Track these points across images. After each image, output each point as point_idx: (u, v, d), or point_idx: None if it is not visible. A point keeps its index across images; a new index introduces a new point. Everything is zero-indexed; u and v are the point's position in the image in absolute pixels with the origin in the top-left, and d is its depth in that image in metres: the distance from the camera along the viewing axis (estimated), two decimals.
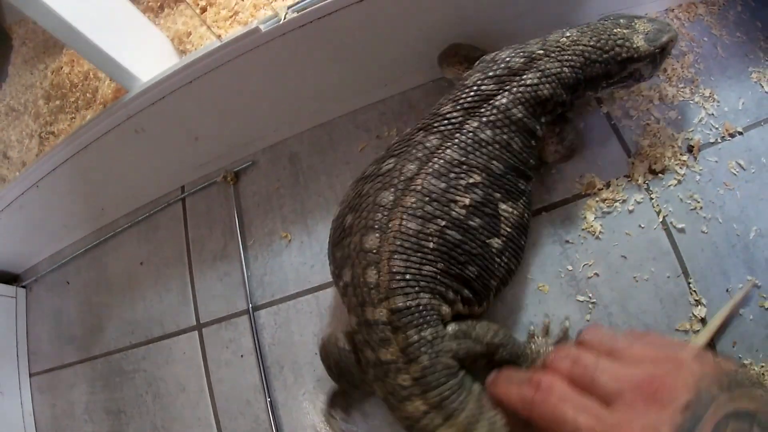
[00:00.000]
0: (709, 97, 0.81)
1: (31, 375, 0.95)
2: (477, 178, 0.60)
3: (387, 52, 0.73)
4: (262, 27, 0.64)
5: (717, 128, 0.78)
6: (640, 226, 0.71)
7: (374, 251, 0.57)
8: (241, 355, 0.77)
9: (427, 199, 0.59)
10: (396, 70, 0.76)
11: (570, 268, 0.69)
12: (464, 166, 0.60)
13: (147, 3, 0.93)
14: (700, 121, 0.78)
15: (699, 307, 0.69)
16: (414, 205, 0.58)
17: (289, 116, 0.79)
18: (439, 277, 0.59)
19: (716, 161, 0.76)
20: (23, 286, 0.98)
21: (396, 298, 0.56)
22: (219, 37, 0.76)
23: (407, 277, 0.57)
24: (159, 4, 0.91)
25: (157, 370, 0.84)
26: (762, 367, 0.69)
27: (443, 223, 0.59)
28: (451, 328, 0.59)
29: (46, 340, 0.96)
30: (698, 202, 0.73)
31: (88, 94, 0.87)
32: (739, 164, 0.77)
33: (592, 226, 0.70)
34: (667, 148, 0.76)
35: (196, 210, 0.85)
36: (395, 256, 0.57)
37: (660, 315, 0.68)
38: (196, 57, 0.67)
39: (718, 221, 0.73)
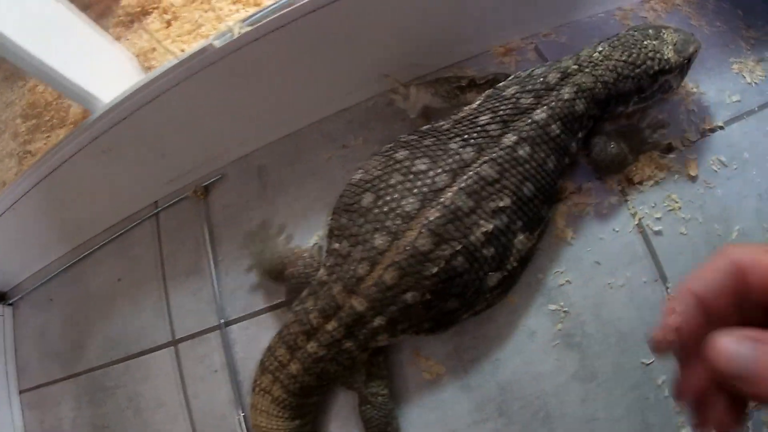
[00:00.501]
0: (689, 91, 0.78)
1: (20, 392, 0.97)
2: (507, 201, 0.58)
3: (348, 60, 0.71)
4: (215, 43, 0.63)
5: (697, 123, 0.75)
6: (614, 229, 0.68)
7: (379, 251, 0.57)
8: (215, 371, 0.77)
9: (451, 217, 0.57)
10: (360, 77, 0.74)
11: (540, 276, 0.67)
12: (497, 185, 0.58)
13: (118, 17, 0.93)
14: (679, 117, 0.76)
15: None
16: (436, 221, 0.56)
17: (255, 128, 0.78)
18: (411, 309, 0.58)
19: (695, 158, 0.73)
20: (10, 304, 0.99)
21: (366, 303, 0.58)
22: (176, 55, 0.76)
23: (388, 294, 0.57)
24: (130, 18, 0.92)
25: (137, 386, 0.84)
26: None
27: (458, 247, 0.57)
28: (364, 367, 0.64)
29: (34, 357, 0.97)
30: (676, 203, 0.70)
31: (61, 113, 0.88)
32: (721, 161, 0.74)
33: (563, 231, 0.68)
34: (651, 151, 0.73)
35: (169, 225, 0.85)
36: (392, 270, 0.57)
37: (636, 322, 0.66)
38: (154, 76, 0.66)
39: (698, 222, 0.71)
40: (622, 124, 0.72)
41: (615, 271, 0.67)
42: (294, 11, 0.62)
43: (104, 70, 0.73)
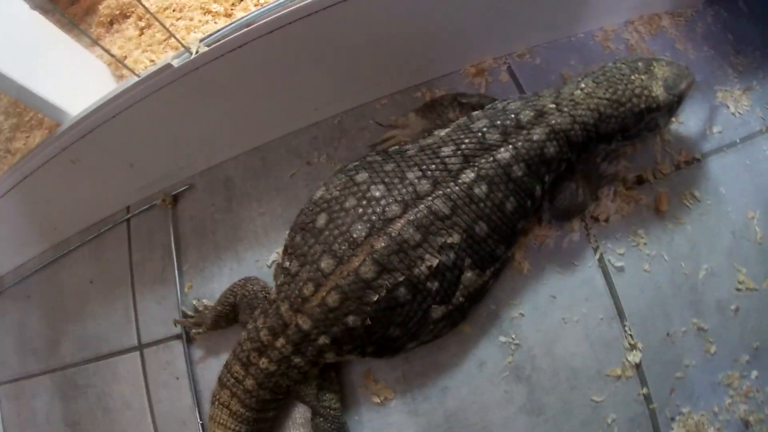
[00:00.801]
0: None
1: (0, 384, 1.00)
2: (456, 238, 0.57)
3: (313, 77, 0.70)
4: (174, 63, 0.63)
5: (672, 155, 0.73)
6: (573, 263, 0.67)
7: (324, 274, 0.57)
8: (177, 378, 0.78)
9: (396, 248, 0.56)
10: (326, 95, 0.73)
11: (493, 307, 0.66)
12: (448, 221, 0.57)
13: (99, 17, 0.93)
14: (653, 147, 0.73)
15: (634, 352, 0.65)
16: (381, 251, 0.56)
17: (223, 140, 0.78)
18: (354, 332, 0.58)
19: (667, 192, 0.71)
20: None
21: (311, 322, 0.58)
22: (145, 66, 0.76)
23: (330, 316, 0.58)
24: (109, 20, 0.92)
25: (105, 387, 0.86)
26: (702, 416, 0.65)
27: (401, 278, 0.56)
28: (316, 381, 0.64)
29: (12, 351, 1.00)
30: (642, 238, 0.68)
31: (39, 114, 0.89)
32: (694, 195, 0.72)
33: (519, 264, 0.66)
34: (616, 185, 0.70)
35: (139, 232, 0.86)
36: (335, 293, 0.57)
37: (589, 359, 0.65)
38: (117, 93, 0.66)
39: (663, 259, 0.69)
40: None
41: (571, 306, 0.66)
42: (252, 31, 0.61)
43: (74, 80, 0.73)
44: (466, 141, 0.59)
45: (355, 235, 0.57)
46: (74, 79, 0.73)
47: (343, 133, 0.75)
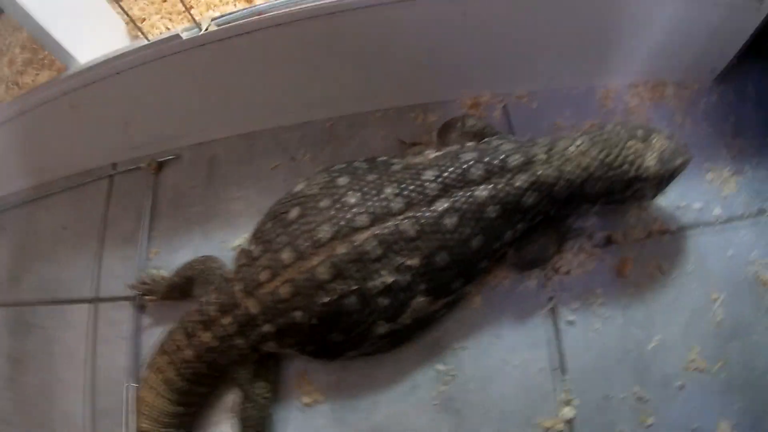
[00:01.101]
0: None
1: None
2: (416, 261, 0.57)
3: (310, 77, 0.72)
4: (183, 34, 0.64)
5: (646, 222, 0.73)
6: (525, 308, 0.67)
7: (282, 265, 0.59)
8: (123, 338, 0.79)
9: (356, 257, 0.57)
10: (321, 96, 0.75)
11: (438, 334, 0.66)
12: (412, 244, 0.57)
13: None
14: (629, 210, 0.73)
15: (568, 407, 0.65)
16: (340, 257, 0.57)
17: (215, 119, 0.79)
18: (298, 327, 0.59)
19: (633, 258, 0.71)
20: None
21: (260, 307, 0.59)
22: (160, 31, 0.78)
23: (279, 306, 0.59)
24: None
25: (54, 331, 0.87)
26: None
27: (353, 287, 0.57)
28: (253, 367, 0.65)
29: None
30: (599, 297, 0.68)
31: (52, 56, 0.91)
32: (660, 267, 0.72)
33: (472, 297, 0.67)
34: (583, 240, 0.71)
35: (120, 190, 0.87)
36: (288, 285, 0.58)
37: (522, 405, 0.65)
38: (125, 51, 0.68)
39: (616, 321, 0.69)
40: None
41: (515, 349, 0.66)
42: (262, 21, 0.63)
43: (90, 30, 0.75)
44: (450, 170, 0.60)
45: (320, 235, 0.58)
46: (90, 29, 0.75)
47: (332, 137, 0.77)
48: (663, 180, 0.62)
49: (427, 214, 0.58)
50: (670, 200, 0.75)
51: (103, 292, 0.84)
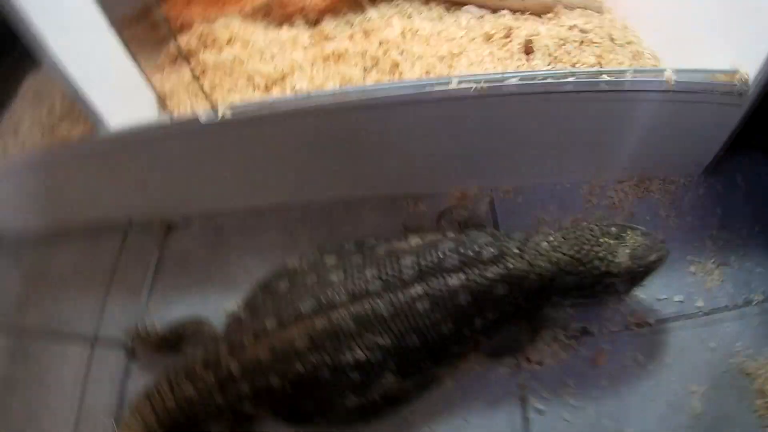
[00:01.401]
0: None
1: None
2: (387, 341, 0.61)
3: (313, 164, 0.79)
4: (201, 117, 0.72)
5: (624, 314, 0.74)
6: (495, 394, 0.69)
7: (265, 331, 0.63)
8: (113, 381, 0.83)
9: (332, 333, 0.61)
10: (321, 181, 0.82)
11: (407, 413, 0.68)
12: (385, 325, 0.61)
13: (169, 51, 1.06)
14: (607, 301, 0.74)
15: None
16: (316, 330, 0.61)
17: (227, 191, 0.88)
18: (273, 390, 0.63)
19: (609, 350, 0.72)
20: None
21: (241, 368, 0.63)
22: (188, 109, 0.87)
23: (258, 369, 0.63)
24: (175, 56, 1.04)
25: (50, 364, 0.91)
26: None
27: (326, 360, 0.61)
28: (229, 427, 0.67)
29: None
30: (571, 388, 0.70)
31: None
32: (637, 359, 0.72)
33: (444, 381, 0.69)
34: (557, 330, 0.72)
35: (132, 244, 0.95)
36: (268, 351, 0.62)
37: None
38: (150, 125, 0.77)
39: (587, 412, 0.69)
40: None
41: None
42: (273, 112, 0.70)
43: (122, 98, 0.84)
44: (428, 258, 0.64)
45: (302, 309, 0.63)
46: (123, 96, 0.84)
47: (330, 218, 0.83)
48: (636, 276, 0.64)
49: (402, 297, 0.62)
50: (650, 292, 0.76)
51: (101, 334, 0.90)
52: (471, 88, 0.67)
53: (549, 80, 0.67)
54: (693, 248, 0.79)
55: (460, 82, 0.67)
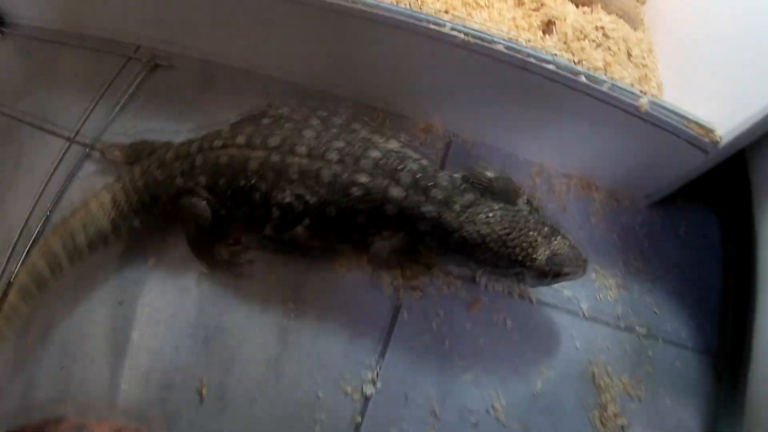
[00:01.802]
0: None
1: None
2: (312, 200, 0.69)
3: (313, 49, 0.84)
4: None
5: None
6: (374, 295, 0.79)
7: (233, 143, 0.74)
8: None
9: (277, 170, 0.70)
10: (319, 68, 0.87)
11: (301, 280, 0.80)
12: (318, 187, 0.69)
13: None
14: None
15: (370, 385, 0.75)
16: (268, 161, 0.70)
17: (226, 41, 0.93)
18: (219, 190, 0.74)
19: (487, 304, 0.79)
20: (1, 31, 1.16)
21: (201, 162, 0.75)
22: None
23: (214, 168, 0.74)
24: None
25: (26, 149, 0.98)
26: None
27: (262, 188, 0.71)
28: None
29: None
30: (439, 317, 0.78)
31: None
32: (507, 323, 0.79)
33: (340, 267, 0.80)
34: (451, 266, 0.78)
35: (133, 69, 1.03)
36: (227, 158, 0.73)
37: (338, 365, 0.76)
38: None
39: (444, 345, 0.77)
40: None
41: (352, 320, 0.78)
42: None
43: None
44: (390, 161, 0.70)
45: (269, 141, 0.72)
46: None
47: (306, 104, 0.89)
48: (545, 276, 0.67)
49: (345, 176, 0.68)
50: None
51: (79, 137, 0.98)
52: (459, 37, 0.71)
53: (531, 59, 0.71)
54: (603, 260, 0.84)
55: (452, 28, 0.71)
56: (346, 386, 0.75)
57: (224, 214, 0.76)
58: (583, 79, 0.72)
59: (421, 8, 0.87)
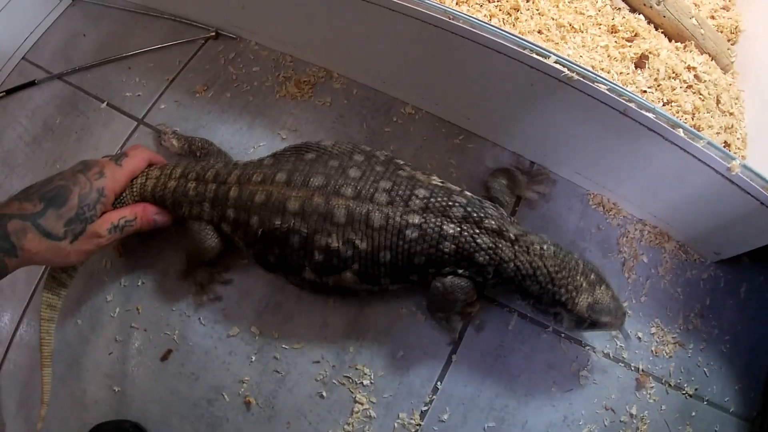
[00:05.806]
0: None
1: None
2: (363, 245, 0.66)
3: (396, 59, 0.80)
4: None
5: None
6: (431, 337, 0.78)
7: (272, 180, 0.70)
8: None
9: (321, 213, 0.67)
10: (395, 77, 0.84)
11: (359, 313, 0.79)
12: (369, 231, 0.66)
13: None
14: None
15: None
16: (311, 203, 0.67)
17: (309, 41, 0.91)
18: (249, 229, 0.71)
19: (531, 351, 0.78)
20: None
21: (237, 195, 0.73)
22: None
23: (248, 204, 0.71)
24: None
25: (92, 125, 0.99)
26: None
27: (302, 231, 0.67)
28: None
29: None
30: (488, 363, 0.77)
31: None
32: (550, 372, 0.78)
33: (400, 308, 0.79)
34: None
35: (209, 54, 1.01)
36: (264, 196, 0.70)
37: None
38: None
39: (492, 390, 0.76)
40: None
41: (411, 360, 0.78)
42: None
43: None
44: (439, 199, 0.68)
45: (312, 180, 0.69)
46: None
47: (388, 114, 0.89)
48: (582, 323, 0.67)
49: (398, 218, 0.66)
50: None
51: (148, 119, 0.97)
52: (564, 72, 0.67)
53: (633, 105, 0.66)
54: (665, 315, 0.82)
55: (556, 61, 0.67)
56: (402, 414, 0.75)
57: (252, 254, 0.74)
58: (681, 133, 0.67)
59: (514, 25, 0.83)
